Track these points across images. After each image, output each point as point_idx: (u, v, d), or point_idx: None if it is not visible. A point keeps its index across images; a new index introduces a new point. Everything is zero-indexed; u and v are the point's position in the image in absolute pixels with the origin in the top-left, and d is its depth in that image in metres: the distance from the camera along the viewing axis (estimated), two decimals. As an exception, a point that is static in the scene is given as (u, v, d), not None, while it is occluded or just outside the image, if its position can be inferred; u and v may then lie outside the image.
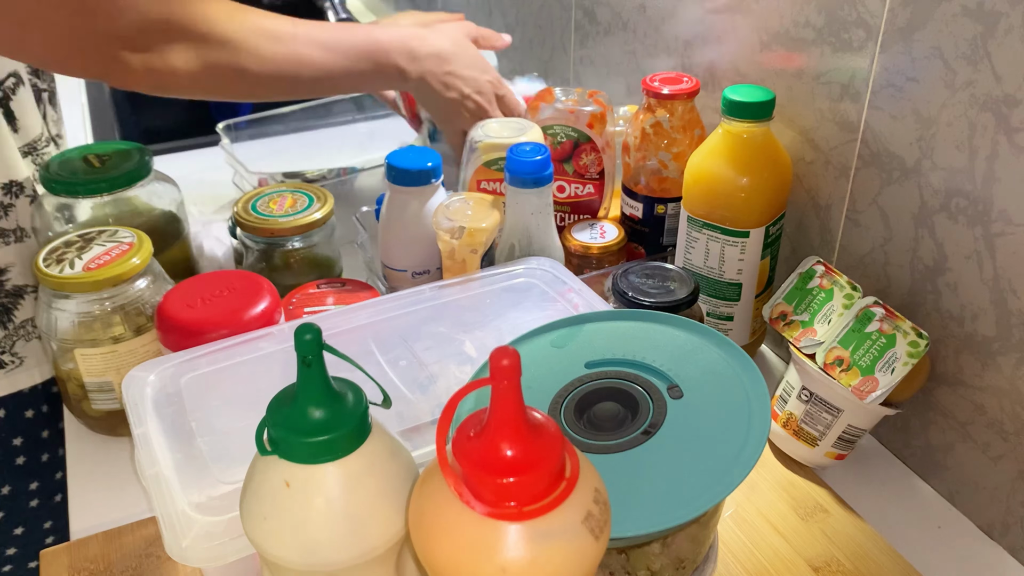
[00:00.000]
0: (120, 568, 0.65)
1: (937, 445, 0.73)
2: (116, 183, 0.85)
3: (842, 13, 0.74)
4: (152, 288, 0.76)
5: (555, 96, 0.92)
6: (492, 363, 0.37)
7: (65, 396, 0.79)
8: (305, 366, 0.42)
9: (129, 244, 0.75)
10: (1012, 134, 0.62)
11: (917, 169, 0.70)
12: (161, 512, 0.51)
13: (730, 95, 0.76)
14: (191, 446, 0.55)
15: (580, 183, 0.92)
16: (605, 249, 0.88)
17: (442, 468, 0.40)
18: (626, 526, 0.46)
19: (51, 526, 1.00)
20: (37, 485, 0.98)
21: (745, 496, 0.71)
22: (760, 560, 0.66)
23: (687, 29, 0.95)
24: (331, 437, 0.42)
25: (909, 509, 0.73)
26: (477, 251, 0.77)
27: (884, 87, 0.71)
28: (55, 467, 0.98)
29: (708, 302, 0.83)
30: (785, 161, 0.79)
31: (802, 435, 0.73)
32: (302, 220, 0.84)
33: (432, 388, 0.62)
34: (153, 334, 0.75)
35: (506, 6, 1.36)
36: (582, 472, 0.40)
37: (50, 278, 0.72)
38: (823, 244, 0.82)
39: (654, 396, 0.54)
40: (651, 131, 0.86)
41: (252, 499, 0.44)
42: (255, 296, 0.71)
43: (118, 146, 0.89)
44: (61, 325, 0.74)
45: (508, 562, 0.38)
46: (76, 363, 0.74)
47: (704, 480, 0.48)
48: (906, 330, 0.68)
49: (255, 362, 0.63)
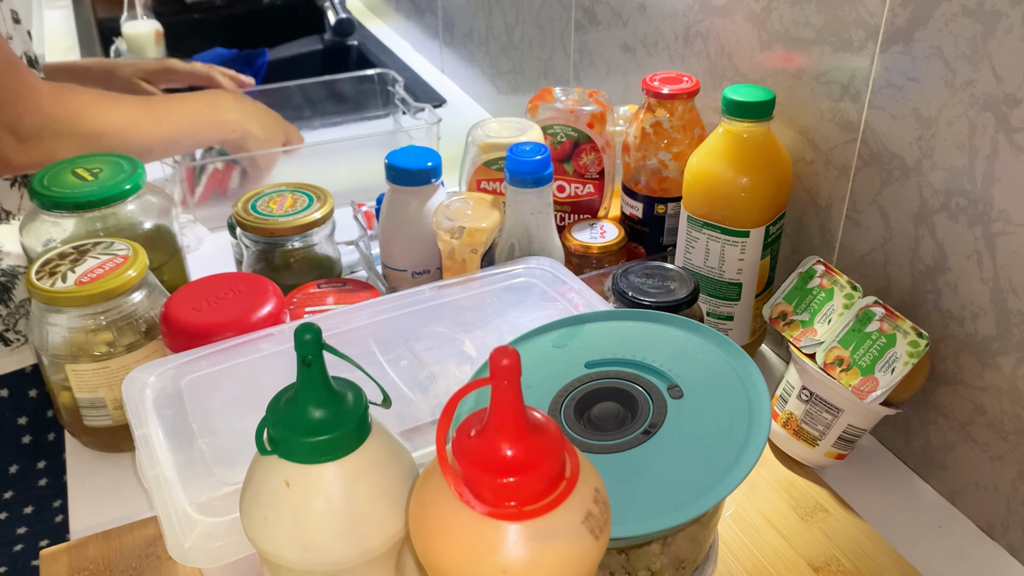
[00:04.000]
0: (120, 568, 0.65)
1: (937, 445, 0.73)
2: (109, 197, 0.82)
3: (842, 13, 0.74)
4: (147, 302, 0.74)
5: (555, 96, 0.92)
6: (492, 363, 0.37)
7: (58, 411, 0.78)
8: (305, 366, 0.42)
9: (124, 257, 0.73)
10: (1012, 134, 0.62)
11: (917, 169, 0.70)
12: (162, 513, 0.51)
13: (730, 95, 0.76)
14: (192, 447, 0.55)
15: (580, 183, 0.93)
16: (605, 249, 0.88)
17: (442, 468, 0.40)
18: (626, 526, 0.46)
19: (60, 504, 1.00)
20: (44, 464, 0.98)
21: (745, 496, 0.71)
22: (760, 560, 0.66)
23: (687, 29, 0.95)
24: (331, 437, 0.42)
25: (909, 509, 0.73)
26: (477, 251, 0.77)
27: (884, 87, 0.71)
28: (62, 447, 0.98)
29: (708, 302, 0.83)
30: (785, 161, 0.79)
31: (802, 435, 0.73)
32: (302, 220, 0.84)
33: (432, 388, 0.62)
34: (147, 349, 0.74)
35: (506, 6, 1.36)
36: (582, 472, 0.40)
37: (42, 292, 0.70)
38: (823, 244, 0.82)
39: (654, 396, 0.54)
40: (651, 131, 0.86)
41: (252, 499, 0.44)
42: (261, 298, 0.71)
43: (106, 158, 0.87)
44: (53, 339, 0.72)
45: (508, 562, 0.38)
46: (68, 378, 0.73)
47: (704, 480, 0.48)
48: (906, 330, 0.68)
49: (255, 363, 0.63)
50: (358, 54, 1.81)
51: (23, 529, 0.98)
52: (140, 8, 1.69)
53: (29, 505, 0.98)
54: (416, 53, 1.78)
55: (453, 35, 1.59)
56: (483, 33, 1.46)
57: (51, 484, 0.99)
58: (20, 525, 0.98)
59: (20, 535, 0.98)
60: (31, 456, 0.97)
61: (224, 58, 1.66)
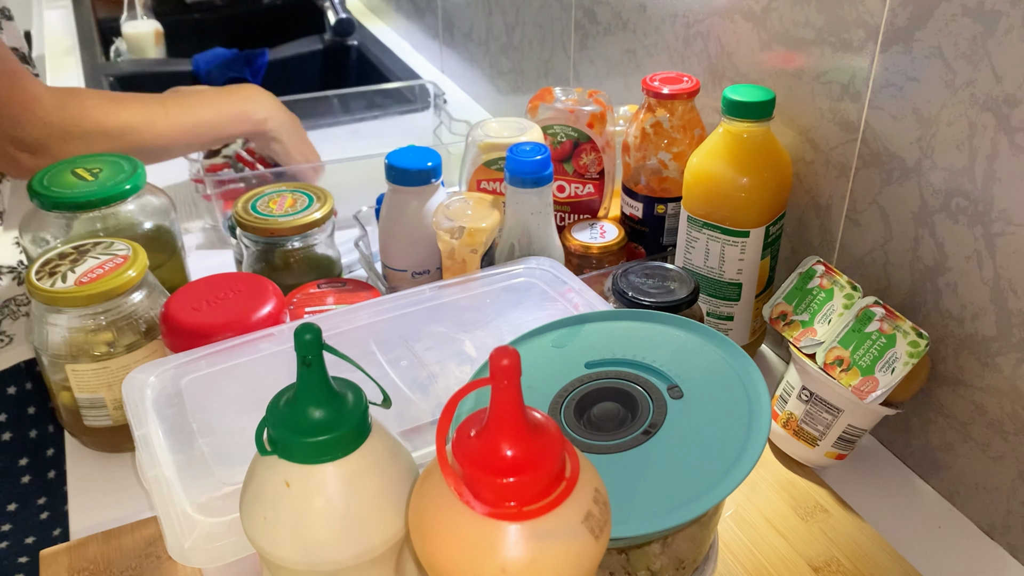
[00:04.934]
0: (120, 568, 0.65)
1: (937, 445, 0.73)
2: (109, 197, 0.82)
3: (842, 13, 0.74)
4: (147, 302, 0.74)
5: (555, 96, 0.92)
6: (492, 363, 0.37)
7: (58, 411, 0.78)
8: (305, 366, 0.42)
9: (124, 257, 0.73)
10: (1012, 134, 0.62)
11: (917, 169, 0.70)
12: (162, 513, 0.51)
13: (730, 95, 0.76)
14: (192, 447, 0.55)
15: (580, 183, 0.92)
16: (605, 249, 0.88)
17: (442, 468, 0.40)
18: (626, 526, 0.46)
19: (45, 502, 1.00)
20: (27, 461, 0.98)
21: (745, 496, 0.71)
22: (760, 560, 0.66)
23: (687, 29, 0.95)
24: (331, 437, 0.42)
25: (909, 509, 0.73)
26: (477, 251, 0.77)
27: (884, 87, 0.71)
28: (46, 444, 0.98)
29: (708, 302, 0.83)
30: (785, 161, 0.79)
31: (802, 435, 0.73)
32: (302, 220, 0.84)
33: (432, 388, 0.62)
34: (147, 349, 0.73)
35: (506, 6, 1.36)
36: (582, 472, 0.40)
37: (41, 292, 0.70)
38: (823, 244, 0.82)
39: (654, 396, 0.54)
40: (651, 131, 0.86)
41: (252, 499, 0.44)
42: (261, 298, 0.71)
43: (106, 158, 0.87)
44: (53, 339, 0.72)
45: (508, 562, 0.38)
46: (68, 378, 0.73)
47: (704, 480, 0.48)
48: (906, 330, 0.68)
49: (255, 363, 0.63)
50: (358, 54, 1.81)
51: (7, 526, 0.98)
52: (140, 8, 1.69)
53: (13, 503, 0.98)
54: (416, 53, 1.78)
55: (453, 35, 1.59)
56: (483, 33, 1.46)
57: (33, 482, 0.99)
58: (3, 523, 0.98)
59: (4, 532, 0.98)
60: (14, 453, 0.97)
61: (224, 58, 1.65)
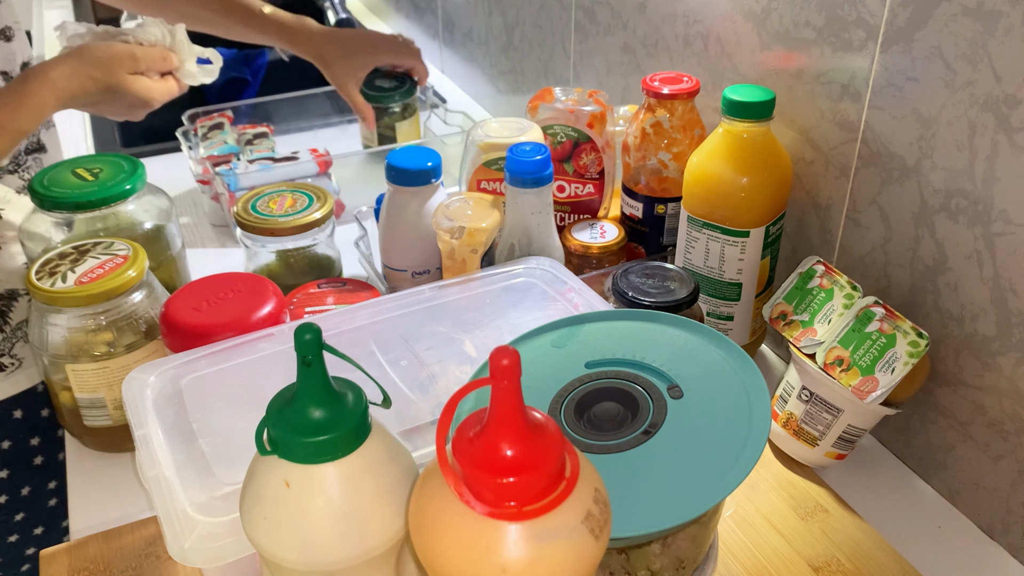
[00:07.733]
0: (120, 568, 0.65)
1: (937, 445, 0.73)
2: (109, 197, 0.82)
3: (842, 13, 0.74)
4: (147, 302, 0.74)
5: (555, 96, 0.92)
6: (492, 363, 0.37)
7: (58, 411, 0.78)
8: (305, 366, 0.42)
9: (124, 257, 0.73)
10: (1012, 134, 0.62)
11: (917, 169, 0.70)
12: (162, 513, 0.51)
13: (730, 95, 0.76)
14: (192, 447, 0.55)
15: (580, 183, 0.92)
16: (605, 249, 0.88)
17: (442, 468, 0.40)
18: (626, 526, 0.46)
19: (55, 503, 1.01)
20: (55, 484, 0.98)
21: (745, 496, 0.71)
22: (760, 560, 0.66)
23: (687, 29, 0.95)
24: (331, 437, 0.42)
25: (909, 509, 0.73)
26: (477, 251, 0.77)
27: (884, 87, 0.71)
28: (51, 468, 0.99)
29: (708, 302, 0.83)
30: (785, 161, 0.79)
31: (802, 435, 0.73)
32: (302, 220, 0.84)
33: (432, 388, 0.62)
34: (147, 349, 0.74)
35: (506, 6, 1.36)
36: (582, 472, 0.40)
37: (41, 292, 0.70)
38: (823, 244, 0.82)
39: (654, 396, 0.54)
40: (651, 131, 0.86)
41: (252, 499, 0.44)
42: (261, 298, 0.71)
43: (106, 158, 0.87)
44: (53, 339, 0.72)
45: (508, 562, 0.38)
46: (68, 378, 0.73)
47: (704, 480, 0.48)
48: (906, 330, 0.68)
49: (255, 363, 0.63)
50: (358, 54, 1.80)
51: (31, 550, 0.99)
52: (140, 8, 1.68)
53: (40, 526, 0.99)
54: (416, 53, 1.78)
55: (453, 35, 1.59)
56: (483, 33, 1.46)
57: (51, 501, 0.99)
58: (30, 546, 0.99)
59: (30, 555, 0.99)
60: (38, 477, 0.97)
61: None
